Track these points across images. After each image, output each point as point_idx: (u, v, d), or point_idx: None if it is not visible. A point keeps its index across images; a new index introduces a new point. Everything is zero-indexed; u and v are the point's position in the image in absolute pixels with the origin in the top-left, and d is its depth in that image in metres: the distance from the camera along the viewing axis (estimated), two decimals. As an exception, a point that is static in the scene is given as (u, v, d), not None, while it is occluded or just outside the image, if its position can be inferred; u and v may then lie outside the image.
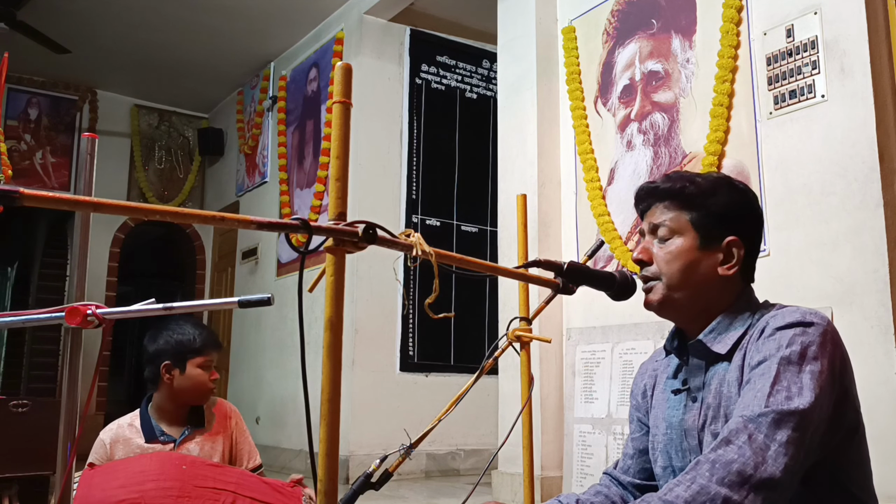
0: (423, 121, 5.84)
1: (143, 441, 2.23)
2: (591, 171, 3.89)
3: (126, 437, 2.25)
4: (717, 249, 1.30)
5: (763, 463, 1.06)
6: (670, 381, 1.38)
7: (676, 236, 1.31)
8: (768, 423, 1.09)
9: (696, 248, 1.29)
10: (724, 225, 1.30)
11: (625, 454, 1.51)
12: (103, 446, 2.24)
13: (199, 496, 1.87)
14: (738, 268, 1.30)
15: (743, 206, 1.33)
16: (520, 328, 1.96)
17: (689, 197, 1.31)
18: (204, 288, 7.90)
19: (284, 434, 5.94)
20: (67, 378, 1.32)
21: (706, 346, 1.29)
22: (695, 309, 1.31)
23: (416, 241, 1.17)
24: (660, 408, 1.38)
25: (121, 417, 2.34)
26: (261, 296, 1.42)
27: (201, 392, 2.28)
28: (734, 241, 1.30)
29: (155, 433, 2.25)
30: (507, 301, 4.11)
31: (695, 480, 1.07)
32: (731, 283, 1.31)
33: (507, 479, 3.90)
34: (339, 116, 1.12)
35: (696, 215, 1.30)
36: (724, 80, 3.29)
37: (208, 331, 2.38)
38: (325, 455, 1.05)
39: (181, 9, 5.97)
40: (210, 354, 2.30)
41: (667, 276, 1.31)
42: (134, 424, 2.28)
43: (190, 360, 2.26)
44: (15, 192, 0.86)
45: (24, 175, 7.03)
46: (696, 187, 1.32)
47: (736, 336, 1.27)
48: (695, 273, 1.29)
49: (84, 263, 1.37)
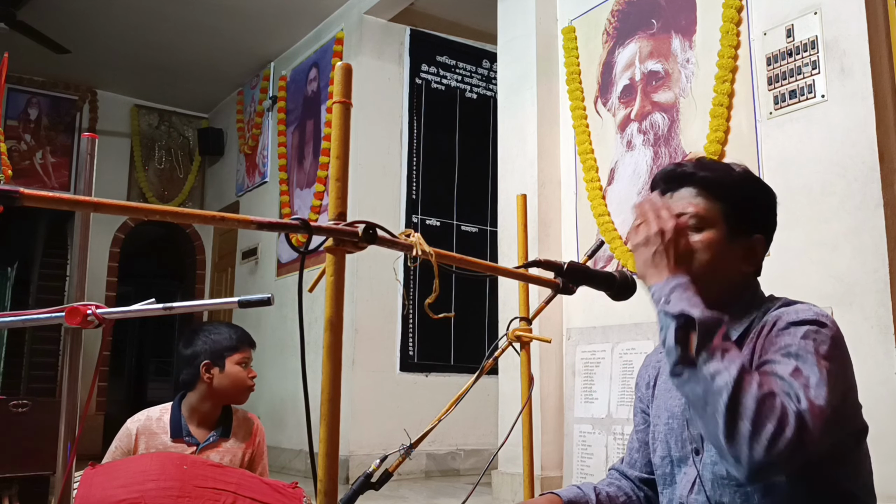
0: (423, 121, 5.84)
1: (168, 438, 2.23)
2: (591, 171, 3.89)
3: (152, 430, 2.25)
4: (741, 245, 1.29)
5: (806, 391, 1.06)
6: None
7: (707, 227, 1.27)
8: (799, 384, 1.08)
9: (724, 240, 1.27)
10: (753, 221, 1.30)
11: (630, 448, 1.51)
12: (129, 434, 2.24)
13: (199, 496, 1.87)
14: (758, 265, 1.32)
15: (769, 206, 1.35)
16: (520, 328, 1.95)
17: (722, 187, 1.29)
18: (204, 288, 7.90)
19: (284, 434, 5.94)
20: (67, 378, 1.32)
21: None
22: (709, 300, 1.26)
23: (416, 241, 1.17)
24: (662, 398, 1.38)
25: (150, 408, 2.34)
26: (261, 296, 1.42)
27: (241, 388, 2.29)
28: (759, 240, 1.30)
29: (182, 432, 2.25)
30: (507, 301, 4.11)
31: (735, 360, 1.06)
32: (745, 277, 1.32)
33: (507, 479, 3.90)
34: (339, 116, 1.12)
35: (728, 207, 1.28)
36: (724, 80, 3.29)
37: (242, 329, 2.40)
38: (325, 455, 1.05)
39: (181, 9, 5.97)
40: (247, 351, 2.32)
41: None
42: (163, 419, 2.28)
43: (228, 358, 2.28)
44: (15, 192, 0.86)
45: (24, 175, 7.03)
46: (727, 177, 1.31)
47: (741, 329, 1.27)
48: (719, 266, 1.27)
49: (84, 263, 1.37)
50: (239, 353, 2.30)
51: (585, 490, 1.43)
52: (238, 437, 2.33)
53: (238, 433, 2.34)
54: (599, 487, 1.45)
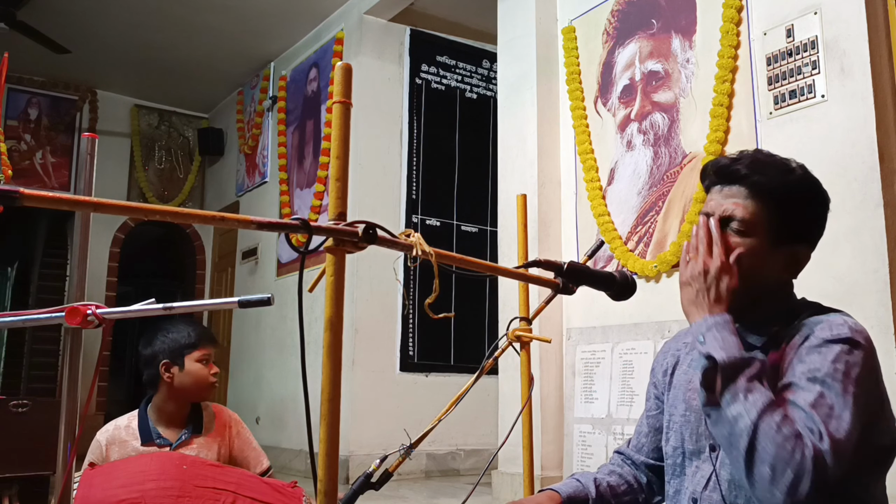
0: (423, 121, 5.84)
1: (139, 444, 2.22)
2: (591, 171, 3.89)
3: (122, 438, 2.24)
4: (784, 252, 1.26)
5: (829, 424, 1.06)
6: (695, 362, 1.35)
7: (750, 231, 1.24)
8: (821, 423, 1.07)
9: (767, 246, 1.24)
10: (799, 231, 1.27)
11: (638, 432, 1.50)
12: (99, 447, 2.23)
13: (199, 496, 1.87)
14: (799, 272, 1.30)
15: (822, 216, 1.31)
16: (520, 328, 1.95)
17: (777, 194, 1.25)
18: (204, 288, 7.90)
19: (284, 434, 5.94)
20: (67, 378, 1.32)
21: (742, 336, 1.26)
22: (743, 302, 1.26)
23: (416, 241, 1.17)
24: (680, 388, 1.37)
25: (118, 418, 2.33)
26: (261, 296, 1.42)
27: (202, 386, 2.27)
28: (803, 252, 1.28)
29: (151, 436, 2.24)
30: (507, 301, 4.11)
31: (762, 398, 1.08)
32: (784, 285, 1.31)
33: (507, 479, 3.90)
34: (339, 116, 1.12)
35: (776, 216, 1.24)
36: (724, 80, 3.29)
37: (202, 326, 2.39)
38: (325, 455, 1.05)
39: (181, 9, 5.97)
40: (206, 348, 2.29)
41: None
42: (131, 426, 2.27)
43: (187, 356, 2.26)
44: (15, 192, 0.86)
45: (24, 175, 7.03)
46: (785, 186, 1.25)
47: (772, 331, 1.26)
48: (758, 273, 1.24)
49: (84, 263, 1.37)
50: (198, 351, 2.27)
51: (585, 482, 1.43)
52: (211, 431, 2.32)
53: (210, 427, 2.32)
54: (600, 478, 1.44)
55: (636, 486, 1.46)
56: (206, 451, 2.26)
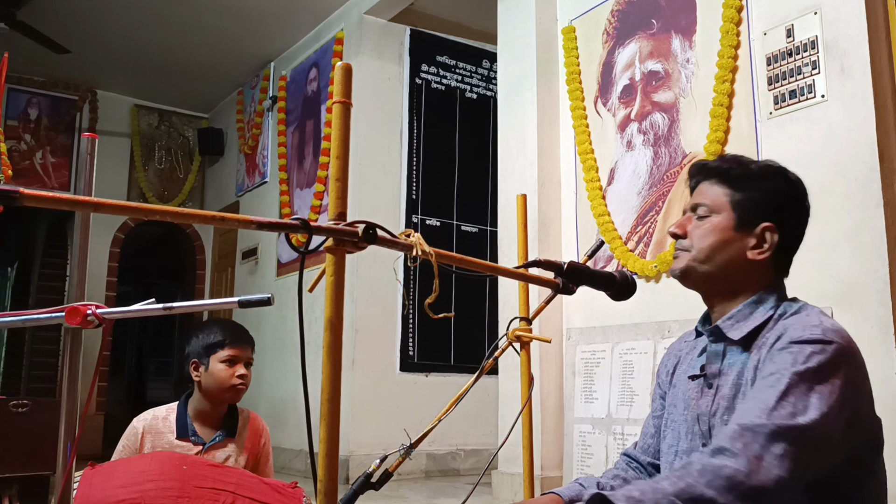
0: (423, 121, 5.84)
1: (174, 437, 2.23)
2: (591, 171, 3.89)
3: (158, 429, 2.25)
4: (752, 233, 1.31)
5: (755, 472, 1.05)
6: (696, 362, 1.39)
7: (714, 214, 1.33)
8: (766, 435, 1.08)
9: (732, 227, 1.31)
10: (764, 210, 1.31)
11: (644, 433, 1.51)
12: (135, 434, 2.24)
13: (198, 496, 1.87)
14: (768, 254, 1.31)
15: (788, 196, 1.34)
16: (520, 328, 1.95)
17: (735, 178, 1.33)
18: (204, 288, 7.90)
19: (284, 434, 5.94)
20: (67, 378, 1.32)
21: (722, 331, 1.30)
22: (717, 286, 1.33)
23: (416, 241, 1.17)
24: (681, 388, 1.39)
25: (157, 407, 2.33)
26: (261, 296, 1.42)
27: (224, 387, 2.24)
28: (769, 227, 1.31)
29: (188, 431, 2.25)
30: (507, 301, 4.11)
31: (682, 478, 1.07)
32: (760, 270, 1.32)
33: (507, 479, 3.90)
34: (339, 116, 1.12)
35: (738, 196, 1.32)
36: (724, 80, 3.29)
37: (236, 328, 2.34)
38: (325, 455, 1.05)
39: (181, 9, 5.97)
40: (233, 349, 2.26)
41: (695, 249, 1.33)
42: (169, 418, 2.28)
43: (213, 356, 2.26)
44: (15, 192, 0.86)
45: (24, 175, 7.03)
46: (743, 169, 1.35)
47: (753, 325, 1.27)
48: (724, 251, 1.31)
49: (84, 263, 1.37)
50: (225, 351, 2.25)
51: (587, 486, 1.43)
52: (243, 437, 2.33)
53: (243, 433, 2.34)
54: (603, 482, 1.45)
55: None
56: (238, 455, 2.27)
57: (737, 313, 1.30)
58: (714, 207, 1.33)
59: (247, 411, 2.41)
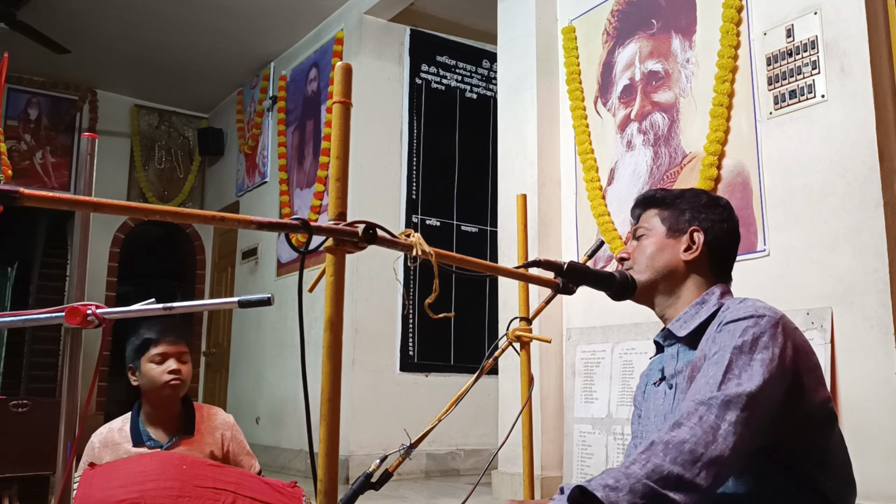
0: (423, 121, 5.84)
1: (130, 446, 2.21)
2: (591, 171, 3.89)
3: (115, 441, 2.23)
4: (681, 238, 1.47)
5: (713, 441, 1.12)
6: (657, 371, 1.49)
7: (649, 232, 1.50)
8: (718, 405, 1.16)
9: (664, 236, 1.48)
10: (689, 217, 1.48)
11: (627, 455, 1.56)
12: (92, 449, 2.23)
13: (199, 496, 1.87)
14: (698, 253, 1.44)
15: (707, 204, 1.50)
16: (520, 328, 1.96)
17: (661, 200, 1.53)
18: (204, 288, 7.90)
19: (284, 434, 5.94)
20: (67, 378, 1.32)
21: (673, 332, 1.43)
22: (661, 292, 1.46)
23: (416, 241, 1.17)
24: (651, 400, 1.47)
25: (114, 420, 2.32)
26: (261, 296, 1.42)
27: (158, 385, 2.21)
28: (696, 229, 1.46)
29: (142, 438, 2.23)
30: (507, 301, 4.11)
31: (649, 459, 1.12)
32: (697, 271, 1.46)
33: (507, 479, 3.90)
34: (339, 116, 1.12)
35: (666, 212, 1.51)
36: (724, 80, 3.29)
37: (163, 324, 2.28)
38: (325, 455, 1.05)
39: (181, 9, 5.97)
40: (160, 345, 2.23)
41: (637, 264, 1.49)
42: (124, 429, 2.26)
43: (143, 358, 2.24)
44: (15, 192, 0.86)
45: (24, 175, 7.03)
46: (666, 193, 1.54)
47: (698, 322, 1.39)
48: (660, 258, 1.46)
49: (84, 263, 1.37)
50: (151, 350, 2.23)
51: None
52: (203, 433, 2.30)
53: (202, 429, 2.30)
54: None
55: None
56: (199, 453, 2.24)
57: (684, 315, 1.42)
58: (649, 227, 1.51)
59: (207, 407, 2.38)
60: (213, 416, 2.36)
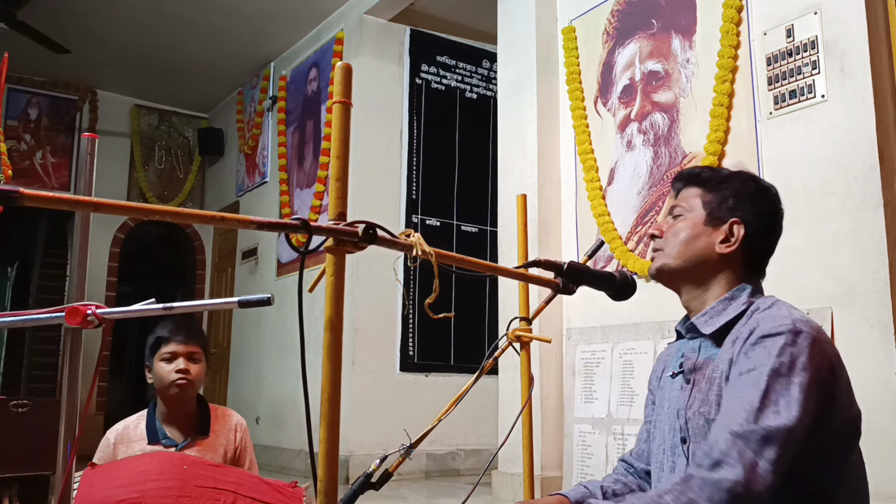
0: (423, 121, 5.84)
1: (145, 443, 2.23)
2: (591, 171, 3.89)
3: (130, 438, 2.25)
4: (720, 228, 1.37)
5: (752, 482, 1.09)
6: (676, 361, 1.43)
7: (687, 213, 1.41)
8: (757, 441, 1.12)
9: (702, 222, 1.39)
10: (732, 206, 1.38)
11: (639, 439, 1.54)
12: (108, 445, 2.24)
13: (199, 496, 1.87)
14: (735, 247, 1.36)
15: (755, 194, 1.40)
16: (520, 328, 1.95)
17: (706, 179, 1.42)
18: (204, 288, 7.90)
19: (284, 434, 5.94)
20: (67, 378, 1.32)
21: (697, 327, 1.36)
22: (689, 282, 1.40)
23: (416, 241, 1.17)
24: (666, 389, 1.43)
25: (130, 417, 2.34)
26: (261, 296, 1.42)
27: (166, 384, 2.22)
28: (736, 222, 1.37)
29: (158, 436, 2.25)
30: (507, 301, 4.10)
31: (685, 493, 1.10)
32: (730, 265, 1.37)
33: (507, 479, 3.90)
34: (339, 116, 1.12)
35: (709, 195, 1.40)
36: (724, 80, 3.29)
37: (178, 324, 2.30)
38: (325, 455, 1.05)
39: (181, 9, 5.97)
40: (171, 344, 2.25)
41: (668, 247, 1.40)
42: (140, 426, 2.28)
43: (156, 356, 2.26)
44: (15, 192, 0.86)
45: (24, 175, 7.03)
46: (713, 173, 1.43)
47: (725, 320, 1.32)
48: (693, 245, 1.38)
49: (84, 263, 1.37)
50: (163, 348, 2.25)
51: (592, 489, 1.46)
52: (217, 433, 2.31)
53: (217, 430, 2.31)
54: (606, 485, 1.48)
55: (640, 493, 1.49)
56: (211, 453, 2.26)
57: (710, 310, 1.35)
58: (688, 207, 1.41)
59: (221, 408, 2.40)
60: (227, 417, 2.38)
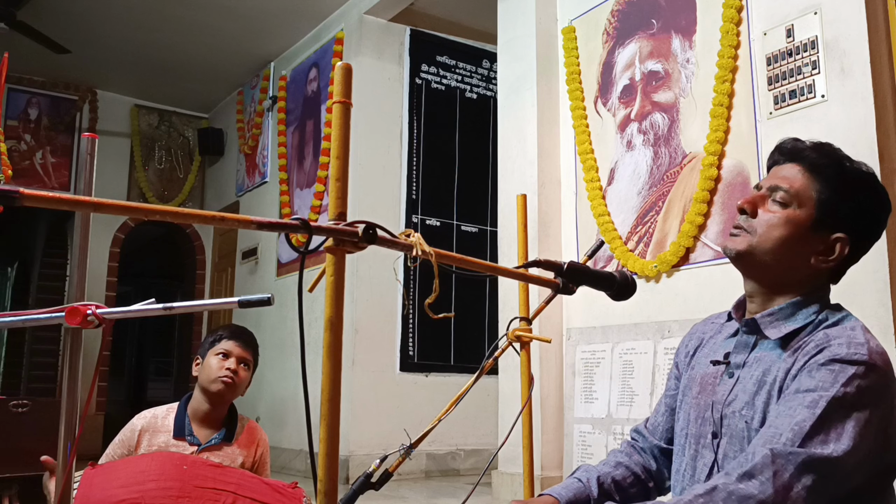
0: (423, 121, 5.84)
1: (170, 436, 2.24)
2: (591, 171, 3.89)
3: (157, 428, 2.26)
4: (823, 238, 1.24)
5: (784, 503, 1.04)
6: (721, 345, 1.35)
7: (794, 205, 1.24)
8: (798, 464, 1.06)
9: (807, 226, 1.24)
10: (844, 218, 1.24)
11: (656, 411, 1.50)
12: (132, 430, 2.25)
13: (199, 496, 1.87)
14: (833, 265, 1.26)
15: (872, 212, 1.27)
16: (520, 328, 1.95)
17: (829, 176, 1.25)
18: (204, 288, 7.90)
19: (284, 434, 5.94)
20: (67, 378, 1.32)
21: (759, 326, 1.26)
22: (769, 280, 1.27)
23: (416, 241, 1.17)
24: (699, 370, 1.36)
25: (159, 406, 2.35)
26: (261, 296, 1.42)
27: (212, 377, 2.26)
28: (843, 239, 1.24)
29: (184, 431, 2.26)
30: (507, 301, 4.11)
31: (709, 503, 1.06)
32: (816, 276, 1.27)
33: (507, 479, 3.90)
34: (339, 116, 1.12)
35: (826, 195, 1.24)
36: (724, 80, 3.29)
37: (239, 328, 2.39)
38: (325, 455, 1.04)
39: (181, 9, 5.97)
40: (229, 342, 2.30)
41: (759, 237, 1.25)
42: (168, 418, 2.29)
43: (210, 350, 2.30)
44: (15, 192, 0.86)
45: (24, 175, 7.03)
46: (838, 169, 1.25)
47: (793, 328, 1.23)
48: (790, 248, 1.24)
49: (84, 263, 1.37)
50: (220, 344, 2.30)
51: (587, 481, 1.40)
52: (240, 443, 2.33)
53: (240, 439, 2.33)
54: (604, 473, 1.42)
55: (643, 476, 1.44)
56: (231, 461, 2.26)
57: (778, 311, 1.25)
58: (797, 198, 1.24)
59: (251, 421, 2.42)
60: (253, 431, 2.40)
